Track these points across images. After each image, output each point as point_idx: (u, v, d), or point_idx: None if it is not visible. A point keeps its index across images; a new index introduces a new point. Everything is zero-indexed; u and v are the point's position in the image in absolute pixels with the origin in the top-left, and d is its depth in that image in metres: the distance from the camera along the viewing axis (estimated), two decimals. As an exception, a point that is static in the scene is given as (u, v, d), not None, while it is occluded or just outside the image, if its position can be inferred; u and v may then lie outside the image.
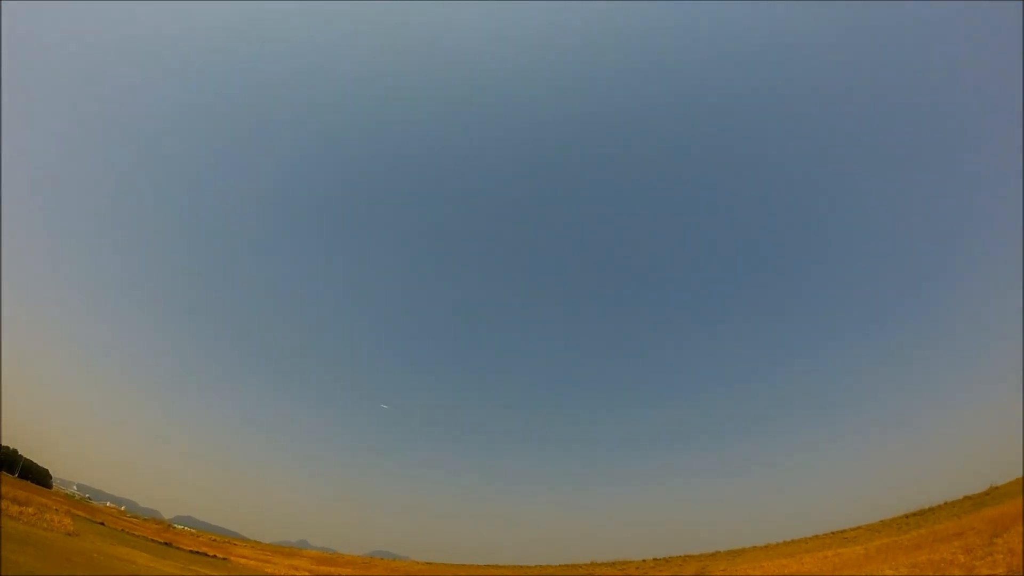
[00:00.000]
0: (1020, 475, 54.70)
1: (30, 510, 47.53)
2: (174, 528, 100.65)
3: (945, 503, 54.43)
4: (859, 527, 55.57)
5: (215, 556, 67.78)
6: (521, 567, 68.43)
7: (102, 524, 70.13)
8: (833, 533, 55.83)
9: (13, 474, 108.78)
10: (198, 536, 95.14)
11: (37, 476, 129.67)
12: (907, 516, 56.86)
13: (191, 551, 67.18)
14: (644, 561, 61.09)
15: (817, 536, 56.43)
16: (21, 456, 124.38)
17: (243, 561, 70.18)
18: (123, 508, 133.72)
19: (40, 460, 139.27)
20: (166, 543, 68.85)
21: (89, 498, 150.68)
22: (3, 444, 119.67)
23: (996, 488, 56.01)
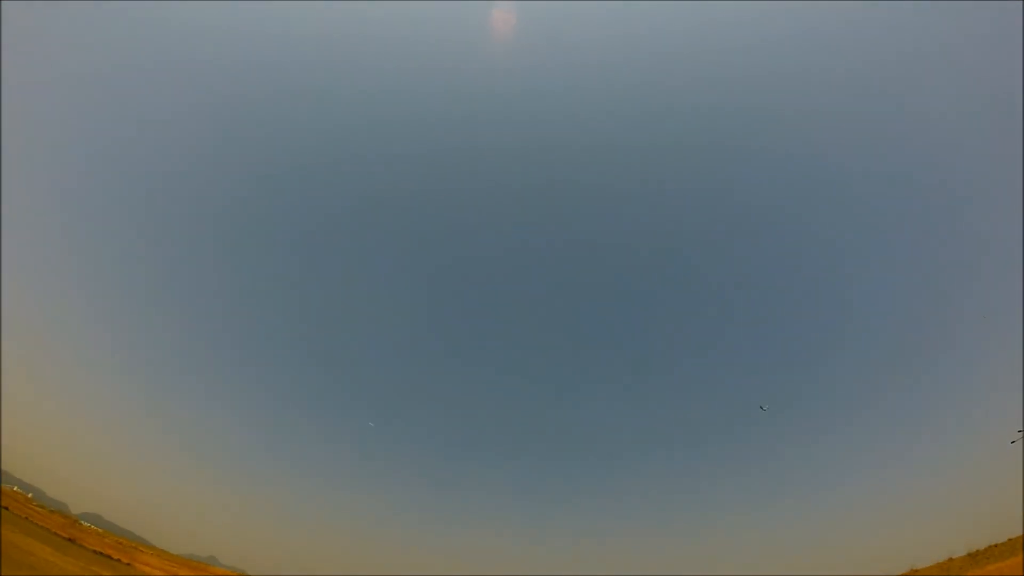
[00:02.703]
0: (940, 560, 57.33)
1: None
2: (80, 525, 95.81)
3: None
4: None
5: (119, 560, 65.92)
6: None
7: (6, 509, 67.75)
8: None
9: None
10: (104, 536, 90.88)
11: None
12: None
13: (95, 551, 65.33)
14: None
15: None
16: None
17: (147, 570, 68.25)
18: (30, 495, 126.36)
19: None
20: (70, 539, 66.74)
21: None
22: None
23: (916, 571, 58.82)
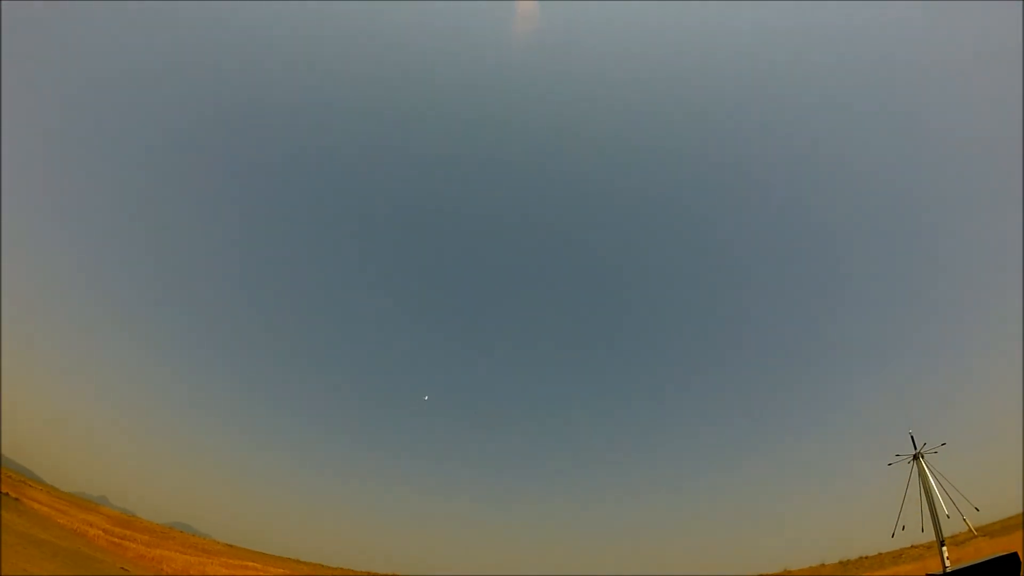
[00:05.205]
0: (812, 564, 65.04)
1: None
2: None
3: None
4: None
5: (7, 494, 65.58)
6: (322, 566, 73.75)
7: None
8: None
9: None
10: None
11: None
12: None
13: (-19, 484, 64.65)
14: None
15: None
16: None
17: (36, 506, 68.25)
18: None
19: None
20: (-47, 470, 65.38)
21: None
22: None
23: (790, 572, 66.58)
